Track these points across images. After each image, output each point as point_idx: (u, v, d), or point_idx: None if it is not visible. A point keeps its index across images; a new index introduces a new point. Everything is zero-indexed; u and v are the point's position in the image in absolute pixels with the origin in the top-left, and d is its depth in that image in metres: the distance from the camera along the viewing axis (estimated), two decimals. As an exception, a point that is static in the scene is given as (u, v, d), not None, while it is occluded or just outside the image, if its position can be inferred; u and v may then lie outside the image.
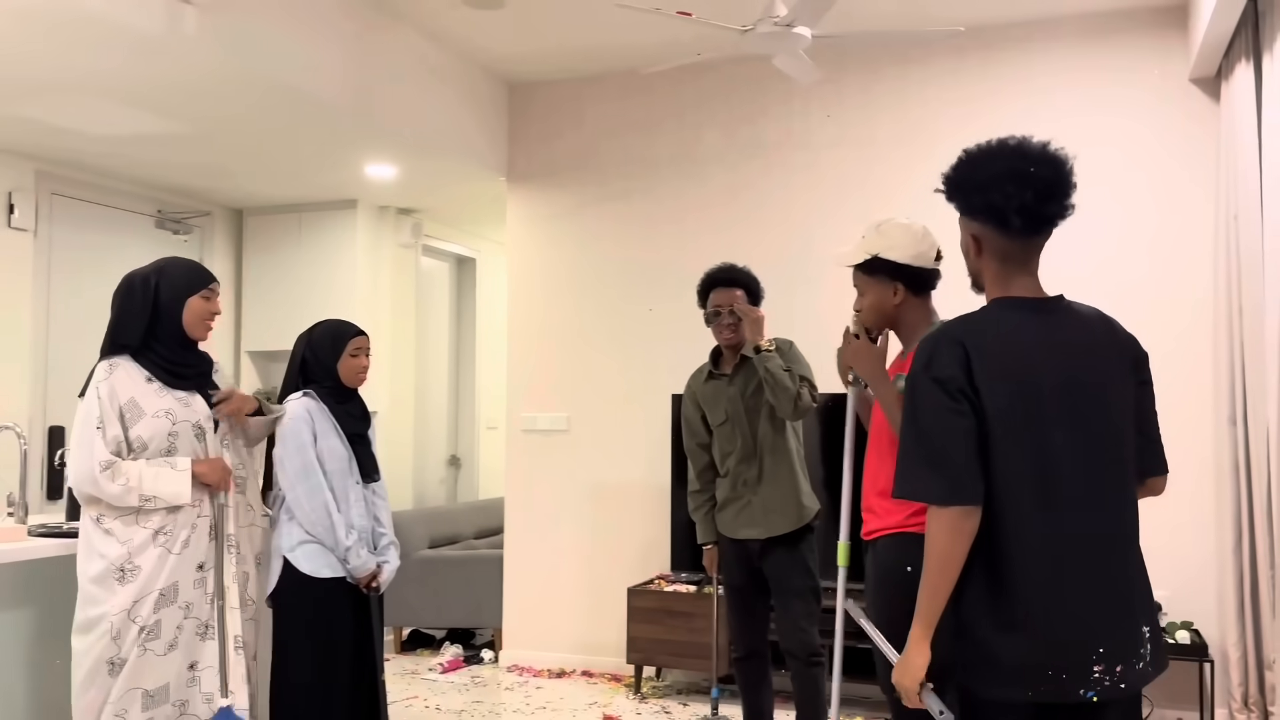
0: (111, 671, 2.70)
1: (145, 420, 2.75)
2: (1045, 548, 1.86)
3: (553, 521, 5.52)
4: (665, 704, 4.77)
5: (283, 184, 5.88)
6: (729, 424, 3.62)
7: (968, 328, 1.96)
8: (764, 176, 5.22)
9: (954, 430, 1.88)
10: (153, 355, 2.82)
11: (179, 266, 2.95)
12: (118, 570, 2.70)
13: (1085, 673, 1.83)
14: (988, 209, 1.98)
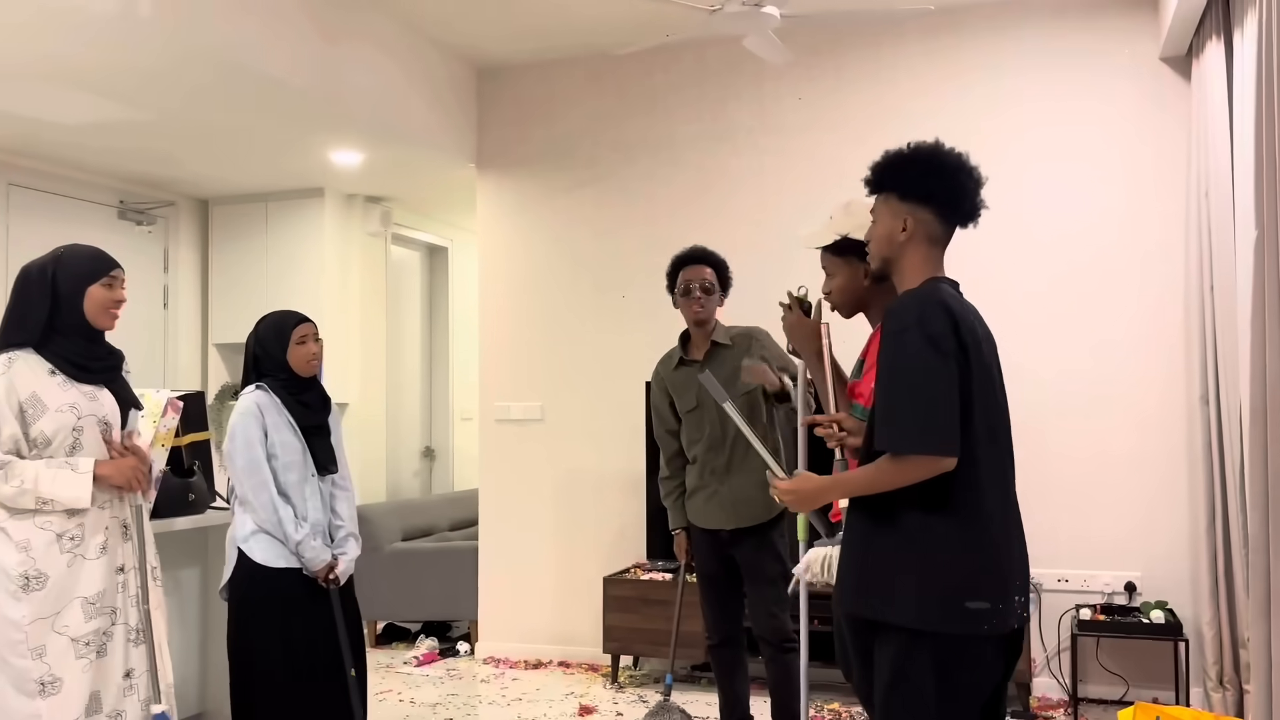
0: (44, 692, 2.54)
1: (48, 415, 2.61)
2: (1001, 498, 2.09)
3: (527, 512, 5.47)
4: (642, 693, 4.74)
5: (248, 172, 5.78)
6: (698, 411, 3.58)
7: (943, 293, 2.11)
8: (736, 160, 5.18)
9: (945, 385, 2.01)
10: (55, 348, 2.68)
11: (78, 254, 2.80)
12: (21, 579, 2.54)
13: (1012, 605, 2.06)
14: (945, 192, 2.16)
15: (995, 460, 2.08)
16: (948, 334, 2.03)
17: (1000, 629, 2.03)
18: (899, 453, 2.02)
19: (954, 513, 2.02)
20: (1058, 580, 4.56)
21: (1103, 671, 4.42)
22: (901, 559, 2.04)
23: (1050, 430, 4.62)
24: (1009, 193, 4.72)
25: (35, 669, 2.53)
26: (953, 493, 2.02)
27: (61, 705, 2.55)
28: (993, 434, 2.08)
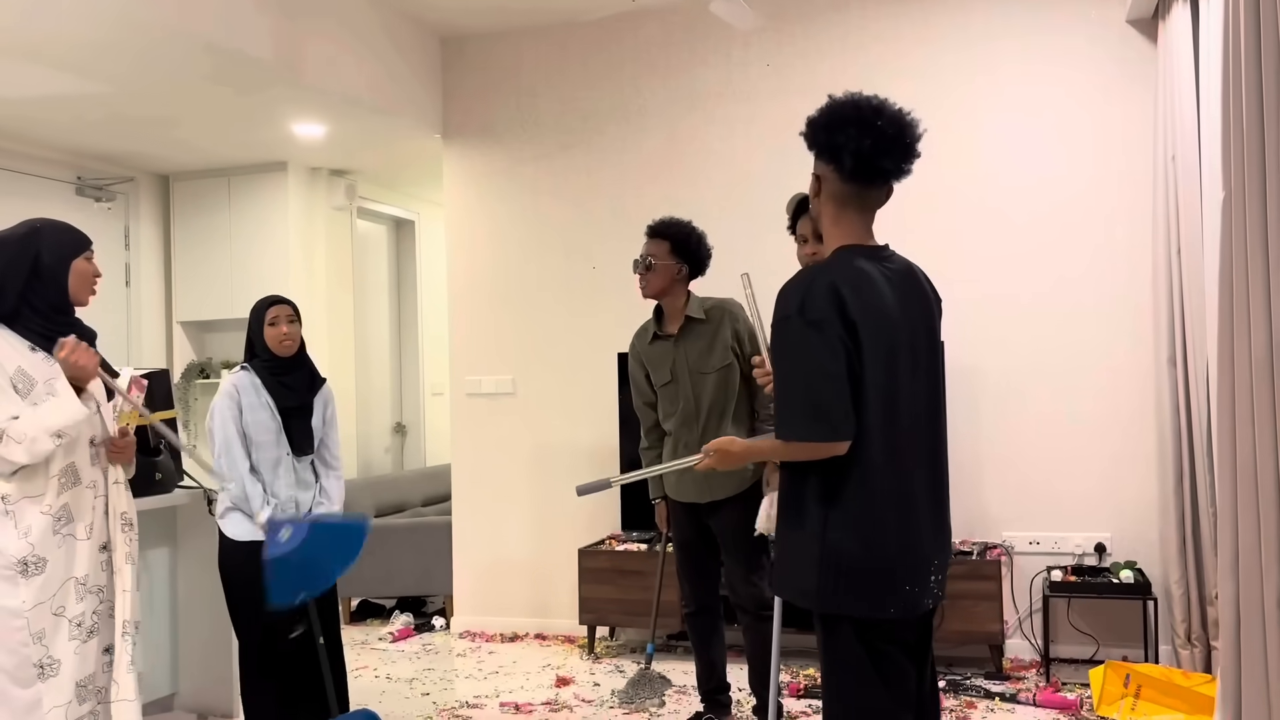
0: (43, 675, 2.51)
1: (37, 389, 2.56)
2: (900, 474, 2.05)
3: (501, 486, 5.44)
4: (619, 663, 4.75)
5: (208, 146, 5.67)
6: (672, 385, 3.56)
7: (833, 270, 2.07)
8: (705, 128, 5.13)
9: (832, 371, 1.99)
10: (28, 323, 2.60)
11: (58, 227, 2.73)
12: (20, 564, 2.49)
13: (927, 585, 2.07)
14: (829, 148, 2.08)
15: (893, 440, 2.05)
16: (831, 319, 1.99)
17: (912, 610, 2.05)
18: (788, 439, 2.04)
19: (849, 497, 2.02)
20: (1029, 543, 4.61)
21: (1073, 631, 4.48)
22: (810, 546, 2.05)
23: (1019, 394, 4.64)
24: (977, 157, 4.72)
25: (35, 653, 2.50)
26: (846, 478, 2.02)
27: (59, 686, 2.53)
28: (891, 413, 2.04)
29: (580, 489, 2.63)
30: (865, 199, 2.12)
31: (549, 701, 4.18)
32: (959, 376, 4.64)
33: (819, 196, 2.14)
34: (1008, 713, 3.88)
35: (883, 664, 2.05)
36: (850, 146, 2.06)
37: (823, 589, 2.04)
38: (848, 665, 2.06)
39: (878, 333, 2.02)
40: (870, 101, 2.11)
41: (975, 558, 4.38)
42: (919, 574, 2.06)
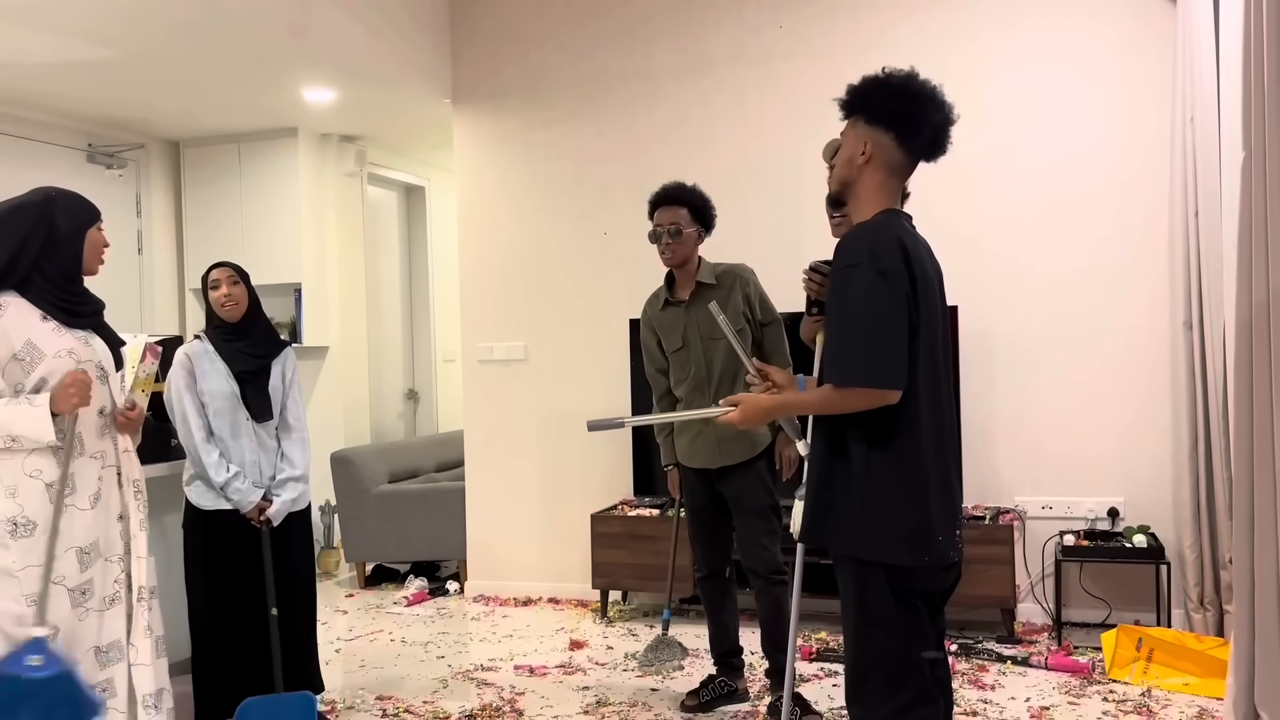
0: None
1: (46, 361, 2.54)
2: (940, 427, 2.14)
3: (513, 452, 5.46)
4: (632, 626, 4.78)
5: (219, 112, 5.65)
6: (684, 351, 3.55)
7: (894, 226, 2.13)
8: (717, 91, 5.09)
9: (895, 320, 2.05)
10: (39, 292, 2.58)
11: (73, 196, 2.72)
12: (9, 523, 2.48)
13: (953, 537, 2.14)
14: (907, 117, 2.15)
15: (935, 398, 2.13)
16: (900, 270, 2.06)
17: (940, 560, 2.11)
18: (845, 385, 2.07)
19: (896, 447, 2.08)
20: (1042, 507, 4.60)
21: (1085, 596, 4.49)
22: (849, 493, 2.11)
23: (1033, 358, 4.62)
24: (993, 118, 4.66)
25: (29, 614, 2.49)
26: (895, 428, 2.08)
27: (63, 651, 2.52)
28: (934, 372, 2.13)
29: (591, 424, 2.62)
30: (907, 170, 2.22)
31: (563, 664, 4.21)
32: (972, 341, 4.62)
33: (867, 162, 2.17)
34: (1019, 676, 3.90)
35: (910, 614, 2.11)
36: (931, 119, 2.16)
37: (863, 536, 2.09)
38: (878, 615, 2.11)
39: (926, 291, 2.10)
40: (927, 80, 2.21)
41: (988, 523, 4.38)
42: (950, 525, 2.14)
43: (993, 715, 3.50)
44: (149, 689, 2.68)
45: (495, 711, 3.66)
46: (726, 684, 3.64)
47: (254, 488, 3.34)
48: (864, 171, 2.18)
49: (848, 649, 2.19)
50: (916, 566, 2.09)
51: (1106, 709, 3.53)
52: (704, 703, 3.61)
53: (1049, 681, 3.82)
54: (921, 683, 2.14)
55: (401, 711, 3.70)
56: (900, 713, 2.12)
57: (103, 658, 2.61)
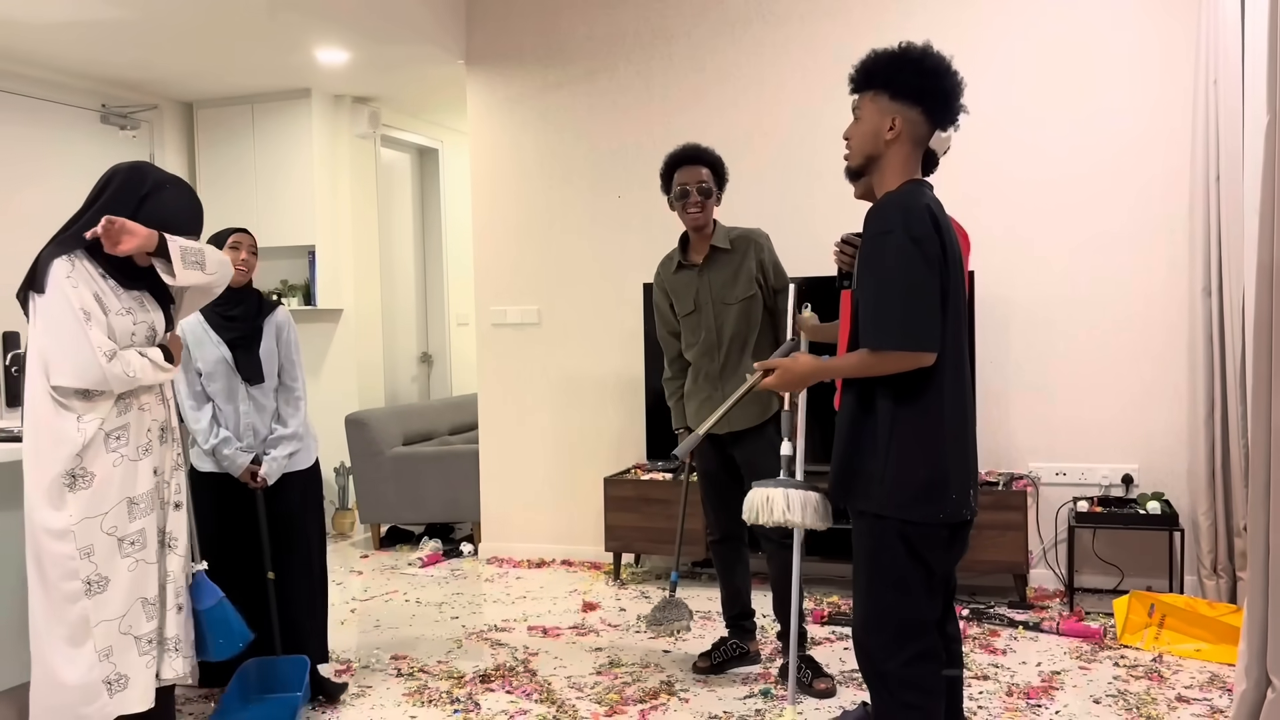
0: (89, 591, 2.55)
1: (110, 318, 2.60)
2: (962, 390, 2.22)
3: (527, 415, 5.47)
4: (644, 589, 4.81)
5: (232, 73, 5.62)
6: (695, 314, 3.53)
7: (923, 195, 2.20)
8: (734, 53, 5.03)
9: (929, 285, 2.13)
10: (104, 256, 2.63)
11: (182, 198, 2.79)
12: (67, 476, 2.55)
13: (966, 497, 2.22)
14: (936, 92, 2.21)
15: (959, 361, 2.22)
16: (931, 237, 2.13)
17: (954, 518, 2.20)
18: (882, 348, 2.15)
19: (920, 407, 2.17)
20: (1055, 474, 4.60)
21: (1098, 562, 4.49)
22: (873, 451, 2.20)
23: (1048, 323, 4.59)
24: (1012, 80, 4.60)
25: (84, 569, 2.54)
26: (920, 389, 2.16)
27: (106, 603, 2.57)
28: (959, 335, 2.21)
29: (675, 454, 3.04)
30: (927, 142, 2.28)
31: (576, 626, 4.25)
32: (988, 305, 4.59)
33: (894, 139, 2.22)
34: (1031, 641, 3.91)
35: (920, 572, 2.20)
36: (957, 93, 2.23)
37: (883, 494, 2.18)
38: (889, 570, 2.20)
39: (953, 260, 2.17)
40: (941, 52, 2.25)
41: (1001, 488, 4.38)
42: (965, 484, 2.21)
43: (1003, 679, 3.52)
44: (175, 632, 2.73)
45: (509, 671, 3.70)
46: (738, 646, 3.66)
47: (241, 452, 3.36)
48: (891, 147, 2.23)
49: (857, 603, 2.27)
50: (930, 523, 2.18)
51: (1117, 674, 3.54)
52: (716, 664, 3.63)
53: (1060, 646, 3.84)
54: (927, 639, 2.23)
55: (416, 671, 3.74)
56: (905, 666, 2.21)
57: (149, 609, 2.65)
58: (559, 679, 3.63)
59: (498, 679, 3.63)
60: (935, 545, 2.21)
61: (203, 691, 3.50)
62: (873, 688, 2.27)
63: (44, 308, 2.57)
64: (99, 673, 2.55)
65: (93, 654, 2.55)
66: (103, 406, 2.59)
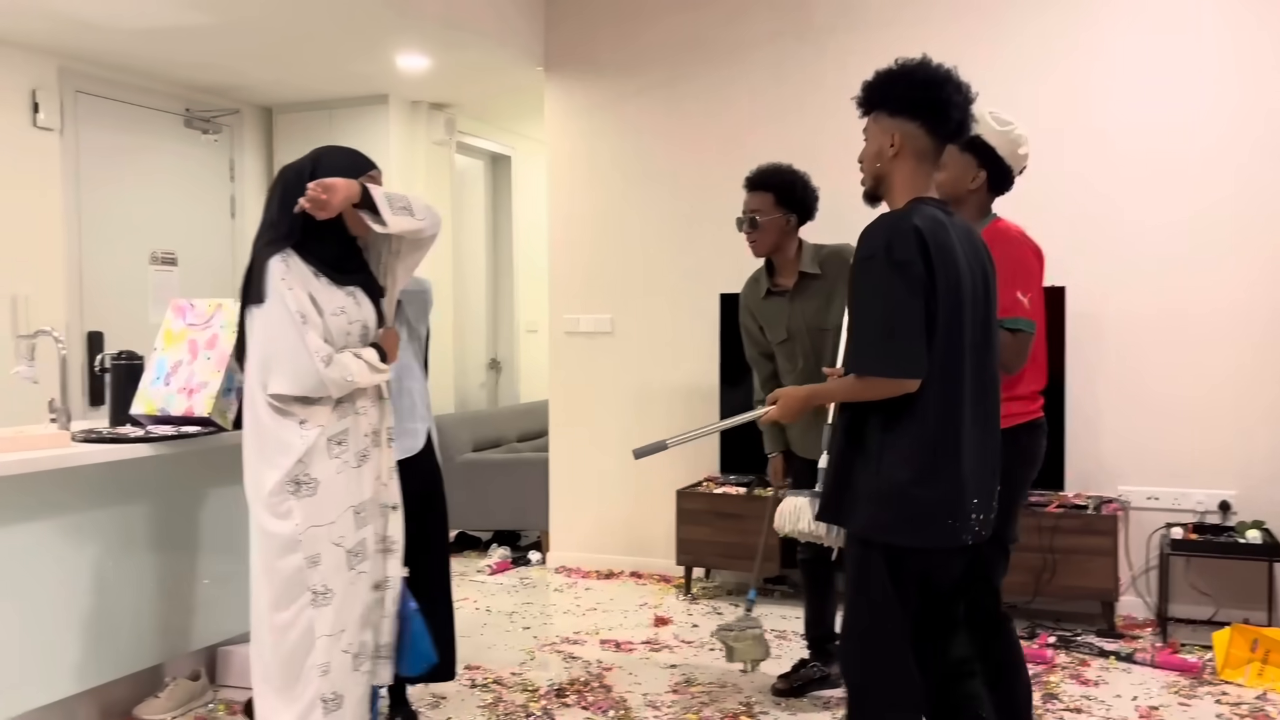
0: (316, 602, 2.50)
1: (325, 319, 2.54)
2: (953, 415, 2.17)
3: (598, 424, 5.42)
4: (716, 604, 4.73)
5: (312, 78, 5.66)
6: (790, 343, 3.42)
7: (915, 216, 2.15)
8: (817, 60, 4.94)
9: (912, 311, 2.10)
10: (313, 249, 2.57)
11: (336, 155, 2.71)
12: (291, 483, 2.49)
13: (967, 521, 2.19)
14: (931, 103, 2.19)
15: (952, 383, 2.16)
16: (914, 260, 2.09)
17: (948, 543, 2.19)
18: (863, 374, 2.17)
19: (906, 431, 2.15)
20: (1146, 498, 4.43)
21: (1191, 591, 4.31)
22: (862, 473, 2.20)
23: (1142, 341, 4.43)
24: (1101, 90, 4.46)
25: (311, 577, 2.49)
26: (907, 413, 2.14)
27: (329, 616, 2.51)
28: (955, 357, 2.16)
29: (637, 452, 2.76)
30: (936, 156, 2.25)
31: (649, 640, 4.18)
32: (1078, 322, 4.44)
33: (897, 155, 2.22)
34: (1124, 673, 3.76)
35: (903, 595, 2.20)
36: (956, 101, 2.20)
37: (870, 517, 2.19)
38: (872, 593, 2.21)
39: (949, 281, 2.13)
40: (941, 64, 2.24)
41: (1091, 512, 4.22)
42: (960, 510, 2.18)
43: (1098, 713, 3.37)
44: (389, 639, 2.69)
45: (583, 685, 3.64)
46: (820, 669, 3.56)
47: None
48: (895, 164, 2.23)
49: (844, 614, 2.30)
50: (917, 548, 2.17)
51: (1220, 711, 3.38)
52: (795, 687, 3.54)
53: (1155, 680, 3.68)
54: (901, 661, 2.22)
55: (490, 682, 3.69)
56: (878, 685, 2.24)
57: (364, 621, 2.61)
58: (635, 696, 3.56)
59: (573, 693, 3.57)
60: (924, 570, 2.22)
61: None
62: (849, 696, 2.31)
63: (262, 313, 2.52)
64: (317, 689, 2.50)
65: (313, 669, 2.51)
66: (322, 412, 2.54)
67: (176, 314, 3.45)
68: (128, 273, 5.46)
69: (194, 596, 3.52)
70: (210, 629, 3.59)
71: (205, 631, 3.57)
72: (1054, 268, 4.39)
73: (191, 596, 3.51)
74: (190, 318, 3.41)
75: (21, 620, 2.95)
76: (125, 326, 5.29)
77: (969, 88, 2.24)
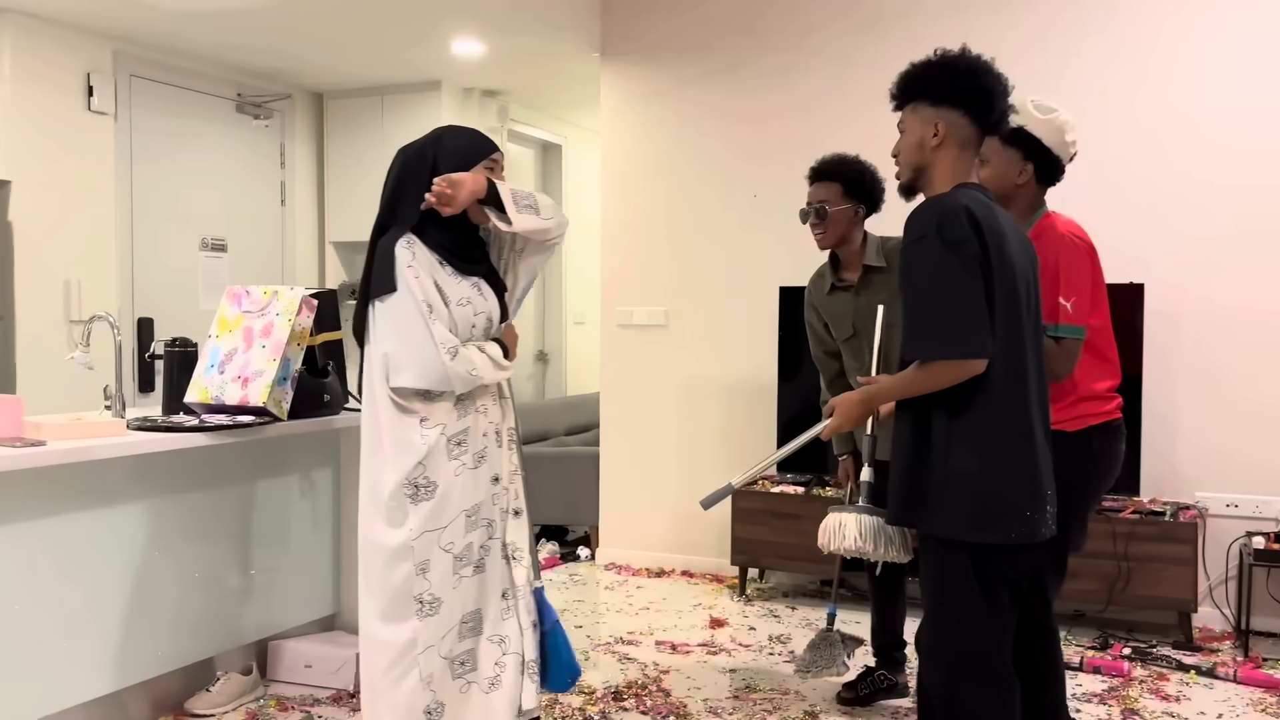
0: (421, 612, 2.41)
1: (450, 309, 2.44)
2: (1021, 401, 2.10)
3: (650, 419, 5.31)
4: (772, 606, 4.60)
5: (365, 64, 5.59)
6: (856, 339, 3.29)
7: (963, 197, 2.10)
8: (882, 47, 4.78)
9: (971, 290, 2.04)
10: (436, 236, 2.47)
11: (457, 136, 2.60)
12: (410, 486, 2.39)
13: (1044, 513, 2.13)
14: (975, 92, 2.16)
15: (1014, 367, 2.10)
16: (969, 239, 2.05)
17: (1030, 537, 2.11)
18: (926, 360, 2.09)
19: (976, 421, 2.08)
20: (1225, 505, 4.24)
21: (1272, 603, 4.12)
22: (931, 470, 2.12)
23: (1223, 342, 4.25)
24: (1183, 81, 4.27)
25: (418, 587, 2.40)
26: (973, 401, 2.07)
27: (437, 626, 2.43)
28: (1017, 340, 2.10)
29: (704, 502, 2.70)
30: (977, 146, 2.22)
31: (705, 643, 4.06)
32: (1154, 321, 4.26)
33: (939, 145, 2.18)
34: (1205, 688, 3.59)
35: (991, 598, 2.13)
36: (999, 90, 2.18)
37: (947, 517, 2.10)
38: (956, 595, 2.13)
39: (1002, 263, 2.08)
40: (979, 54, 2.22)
41: (1168, 519, 4.05)
42: (1038, 501, 2.11)
43: (1182, 731, 3.22)
44: (533, 655, 2.58)
45: (641, 689, 3.53)
46: (886, 678, 3.43)
47: None
48: (937, 154, 2.19)
49: (922, 626, 2.22)
50: (1001, 545, 2.09)
51: (1313, 733, 3.22)
52: (862, 696, 3.41)
53: (1240, 696, 3.51)
54: (992, 668, 2.15)
55: (545, 683, 3.59)
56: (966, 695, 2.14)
57: (463, 628, 2.51)
58: (694, 701, 3.44)
59: (630, 696, 3.46)
60: (1009, 568, 2.14)
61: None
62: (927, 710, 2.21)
63: (391, 304, 2.40)
64: (421, 700, 2.42)
65: (417, 681, 2.42)
66: (443, 409, 2.44)
67: (232, 301, 3.37)
68: (178, 259, 5.42)
69: (245, 589, 3.45)
70: (261, 622, 3.53)
71: (256, 625, 3.51)
72: (1131, 263, 4.24)
73: (242, 589, 3.45)
74: (246, 304, 3.33)
75: (73, 612, 2.90)
76: (175, 313, 5.25)
77: (1007, 79, 2.21)
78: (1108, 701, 3.44)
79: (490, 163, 2.56)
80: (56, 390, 4.35)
